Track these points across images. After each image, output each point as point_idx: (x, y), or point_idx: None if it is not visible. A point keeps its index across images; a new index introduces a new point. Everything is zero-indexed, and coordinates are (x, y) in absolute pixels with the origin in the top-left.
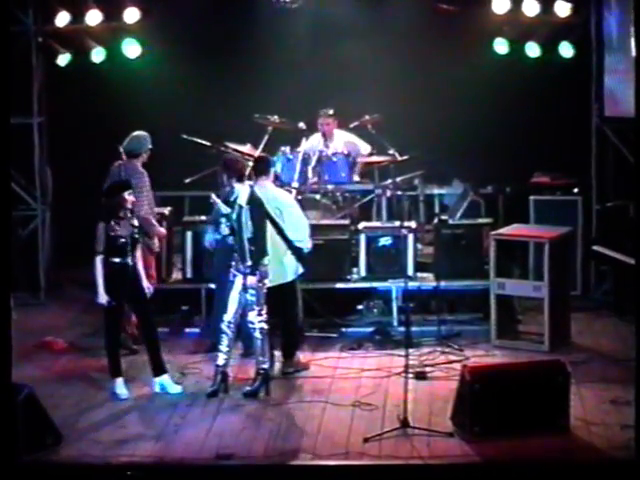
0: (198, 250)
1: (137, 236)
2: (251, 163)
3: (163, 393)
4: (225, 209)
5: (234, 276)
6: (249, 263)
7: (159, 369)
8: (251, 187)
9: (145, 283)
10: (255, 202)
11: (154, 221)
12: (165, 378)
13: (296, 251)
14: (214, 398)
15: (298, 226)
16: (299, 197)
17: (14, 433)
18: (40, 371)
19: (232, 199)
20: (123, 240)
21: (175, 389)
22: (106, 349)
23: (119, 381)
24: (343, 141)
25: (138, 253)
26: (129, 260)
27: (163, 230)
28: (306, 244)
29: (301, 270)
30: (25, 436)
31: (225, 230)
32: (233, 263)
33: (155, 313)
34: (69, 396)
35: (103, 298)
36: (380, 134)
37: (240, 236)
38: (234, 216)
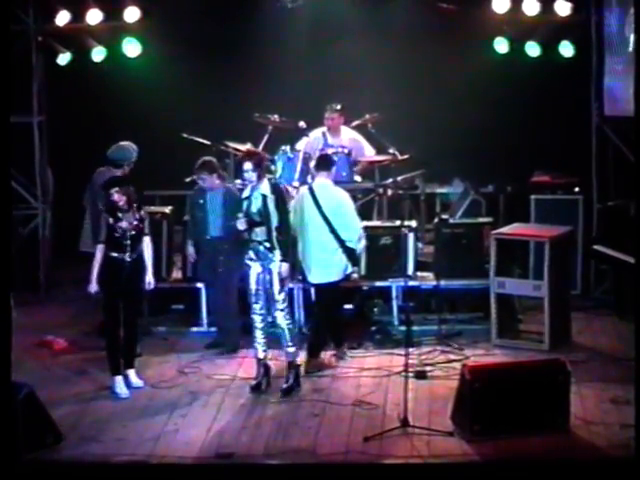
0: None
1: (137, 232)
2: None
3: (161, 392)
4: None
5: (249, 267)
6: (278, 251)
7: (128, 362)
8: (269, 179)
9: (148, 277)
10: (280, 192)
11: None
12: (130, 372)
13: (347, 250)
14: (255, 392)
15: (349, 226)
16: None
17: (14, 432)
18: (40, 370)
19: (249, 193)
20: (121, 233)
21: (136, 383)
22: (105, 347)
23: (118, 379)
24: (348, 138)
25: (145, 248)
26: (127, 256)
27: None
28: (357, 244)
29: (350, 269)
30: (25, 435)
31: (243, 225)
32: (251, 254)
33: (156, 311)
34: (69, 395)
35: (93, 287)
36: (380, 133)
37: (268, 226)
38: (254, 209)
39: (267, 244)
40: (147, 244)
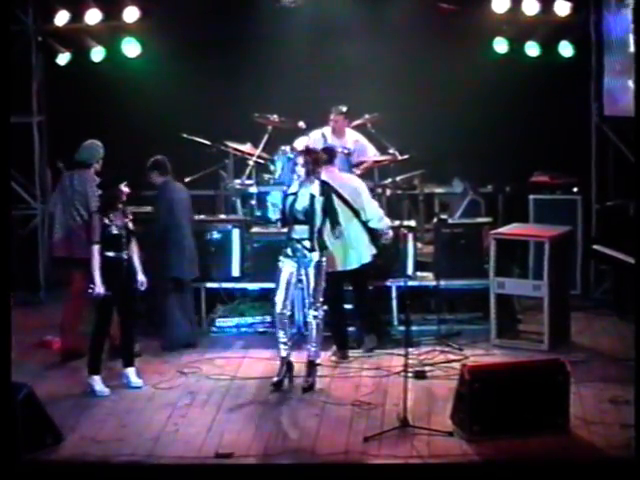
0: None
1: (129, 230)
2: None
3: (161, 392)
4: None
5: (282, 264)
6: (317, 251)
7: (127, 361)
8: (321, 179)
9: (140, 277)
10: (329, 194)
11: None
12: (130, 370)
13: (370, 232)
14: (276, 390)
15: (367, 207)
16: None
17: (14, 432)
18: (39, 370)
19: (297, 189)
20: (117, 232)
21: (136, 383)
22: (90, 344)
23: (97, 379)
24: (352, 140)
25: (134, 246)
26: (124, 254)
27: None
28: (378, 224)
29: (374, 251)
30: (25, 435)
31: (276, 215)
32: (288, 251)
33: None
34: (68, 395)
35: (100, 289)
36: (380, 133)
37: (312, 225)
38: (299, 206)
39: (307, 243)
40: (134, 243)
